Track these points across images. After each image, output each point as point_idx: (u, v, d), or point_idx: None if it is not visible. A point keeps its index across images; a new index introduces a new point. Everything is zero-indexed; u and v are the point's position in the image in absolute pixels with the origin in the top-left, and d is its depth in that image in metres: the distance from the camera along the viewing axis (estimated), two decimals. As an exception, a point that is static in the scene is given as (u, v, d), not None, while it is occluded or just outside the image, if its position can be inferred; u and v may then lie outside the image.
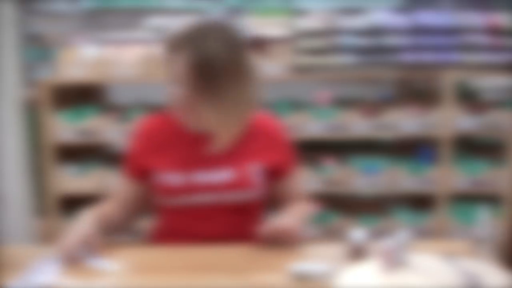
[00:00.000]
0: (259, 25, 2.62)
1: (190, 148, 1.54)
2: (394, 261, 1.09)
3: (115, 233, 1.59)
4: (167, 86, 1.48)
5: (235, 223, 1.54)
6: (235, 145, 1.53)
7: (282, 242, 1.42)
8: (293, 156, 1.62)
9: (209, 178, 1.50)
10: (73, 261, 1.36)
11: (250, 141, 1.54)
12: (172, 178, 1.50)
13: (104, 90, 3.06)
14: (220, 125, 1.47)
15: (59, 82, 2.63)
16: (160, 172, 1.52)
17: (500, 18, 2.56)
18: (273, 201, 1.63)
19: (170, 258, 1.39)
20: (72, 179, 2.67)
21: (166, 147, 1.55)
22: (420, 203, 2.68)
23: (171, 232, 1.57)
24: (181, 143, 1.55)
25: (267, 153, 1.55)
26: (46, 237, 2.77)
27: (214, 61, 1.40)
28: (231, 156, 1.52)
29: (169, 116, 1.57)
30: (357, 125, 2.58)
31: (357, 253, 1.32)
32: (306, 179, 2.61)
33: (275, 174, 1.57)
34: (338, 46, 2.54)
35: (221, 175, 1.50)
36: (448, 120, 2.55)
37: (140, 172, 1.57)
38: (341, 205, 2.69)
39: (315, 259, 1.29)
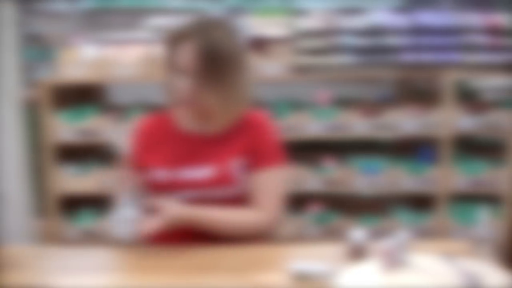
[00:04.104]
0: (259, 25, 2.62)
1: (180, 145, 1.56)
2: (394, 261, 1.09)
3: None
4: (165, 83, 1.51)
5: None
6: (221, 141, 1.54)
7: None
8: (277, 156, 1.56)
9: (191, 175, 1.51)
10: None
11: (237, 138, 1.55)
12: (159, 174, 1.53)
13: (104, 90, 3.06)
14: (221, 108, 1.50)
15: (59, 82, 2.63)
16: (150, 168, 1.55)
17: (500, 18, 2.56)
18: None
19: (170, 258, 1.39)
20: (72, 179, 2.67)
21: (158, 145, 1.59)
22: (420, 203, 2.68)
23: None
24: (172, 141, 1.58)
25: (249, 144, 1.53)
26: (46, 237, 2.77)
27: (220, 49, 1.45)
28: (215, 152, 1.53)
29: (166, 115, 1.61)
30: (357, 125, 2.58)
31: (357, 253, 1.32)
32: (306, 179, 2.61)
33: (252, 163, 1.53)
34: (338, 46, 2.53)
35: (202, 172, 1.51)
36: (448, 120, 2.55)
37: (137, 171, 1.58)
38: (341, 205, 2.69)
39: (315, 259, 1.29)
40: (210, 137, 1.56)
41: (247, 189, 1.54)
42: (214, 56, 1.45)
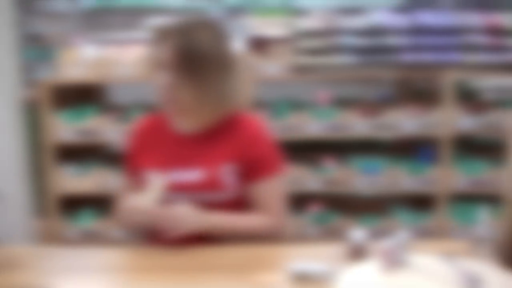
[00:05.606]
0: (259, 25, 2.62)
1: (171, 147, 1.57)
2: (394, 261, 1.09)
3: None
4: (153, 82, 1.52)
5: None
6: (212, 143, 1.54)
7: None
8: (273, 162, 1.56)
9: (181, 178, 1.51)
10: None
11: (228, 142, 1.54)
12: (151, 176, 1.52)
13: (104, 90, 3.06)
14: (196, 106, 1.51)
15: (59, 82, 2.63)
16: (144, 169, 1.56)
17: (500, 18, 2.56)
18: (246, 203, 1.57)
19: (170, 258, 1.39)
20: (72, 179, 2.67)
21: (152, 146, 1.60)
22: (420, 203, 2.68)
23: (148, 230, 1.56)
24: (165, 142, 1.59)
25: (243, 152, 1.52)
26: (46, 237, 2.77)
27: (198, 50, 1.47)
28: (206, 155, 1.53)
29: (162, 116, 1.62)
30: (357, 125, 2.58)
31: (357, 253, 1.32)
32: (306, 179, 2.61)
33: (250, 173, 1.53)
34: (338, 46, 2.54)
35: (192, 175, 1.51)
36: (448, 120, 2.55)
37: (134, 171, 1.61)
38: (341, 205, 2.69)
39: (315, 259, 1.29)
40: (201, 138, 1.55)
41: (239, 195, 1.54)
42: (190, 54, 1.46)
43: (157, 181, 1.47)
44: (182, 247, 1.42)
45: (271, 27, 2.62)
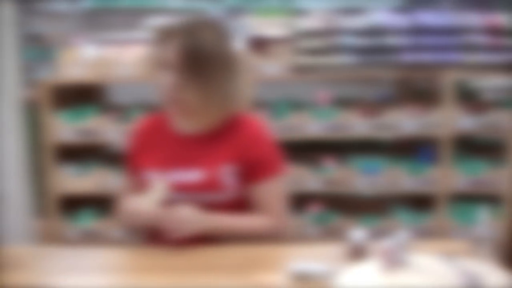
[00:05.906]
0: (259, 25, 2.62)
1: (172, 147, 1.57)
2: (394, 261, 1.09)
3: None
4: (155, 82, 1.52)
5: None
6: (212, 143, 1.54)
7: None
8: (274, 162, 1.56)
9: (181, 178, 1.51)
10: None
11: (229, 141, 1.54)
12: (151, 176, 1.53)
13: (104, 90, 3.06)
14: (202, 106, 1.50)
15: (59, 82, 2.63)
16: (145, 169, 1.56)
17: (500, 18, 2.56)
18: (246, 204, 1.56)
19: (170, 258, 1.39)
20: (72, 179, 2.67)
21: (153, 146, 1.60)
22: (420, 203, 2.68)
23: (149, 232, 1.56)
24: (165, 142, 1.59)
25: (244, 153, 1.52)
26: (46, 237, 2.77)
27: (203, 48, 1.47)
28: (206, 155, 1.53)
29: (162, 116, 1.62)
30: (357, 125, 2.58)
31: (357, 253, 1.32)
32: (306, 179, 2.61)
33: (251, 174, 1.53)
34: (338, 46, 2.53)
35: (191, 175, 1.51)
36: (448, 120, 2.55)
37: (135, 171, 1.61)
38: (341, 205, 2.69)
39: (315, 259, 1.29)
40: (201, 138, 1.55)
41: (239, 195, 1.53)
42: (196, 54, 1.46)
43: (159, 183, 1.47)
44: (183, 248, 1.42)
45: (271, 27, 2.62)
